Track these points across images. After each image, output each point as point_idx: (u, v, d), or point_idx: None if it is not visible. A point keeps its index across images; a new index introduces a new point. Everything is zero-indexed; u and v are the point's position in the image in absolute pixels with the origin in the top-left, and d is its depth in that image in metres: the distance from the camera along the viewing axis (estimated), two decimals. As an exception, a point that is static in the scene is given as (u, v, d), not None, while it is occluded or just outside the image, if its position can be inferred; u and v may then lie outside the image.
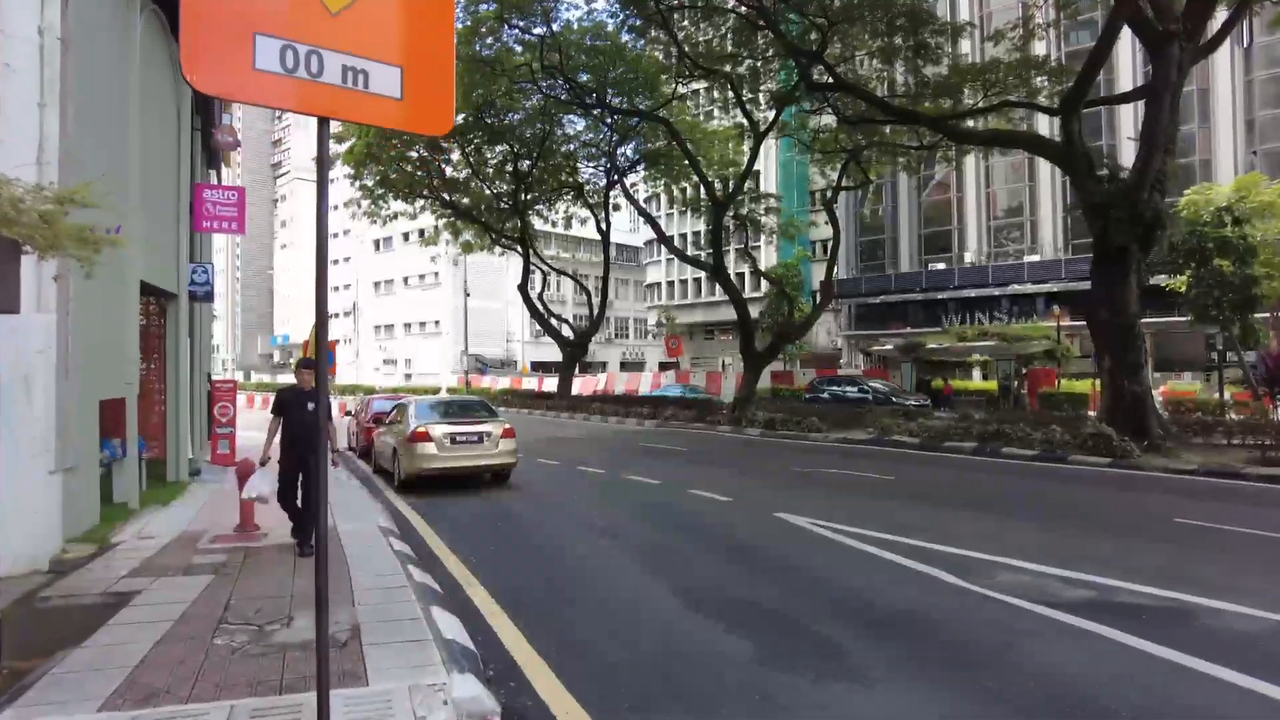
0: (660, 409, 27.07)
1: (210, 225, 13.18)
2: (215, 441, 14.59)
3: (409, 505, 11.13)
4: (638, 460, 16.41)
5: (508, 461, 12.74)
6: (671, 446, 18.99)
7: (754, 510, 10.21)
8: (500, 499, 11.64)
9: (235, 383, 15.21)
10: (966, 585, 6.52)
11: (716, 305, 57.87)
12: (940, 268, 47.16)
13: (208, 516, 9.07)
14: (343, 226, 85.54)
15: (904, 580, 6.75)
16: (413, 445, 12.11)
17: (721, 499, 11.00)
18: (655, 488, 12.41)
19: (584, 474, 14.32)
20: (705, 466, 15.25)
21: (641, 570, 7.21)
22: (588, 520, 9.74)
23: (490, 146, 34.58)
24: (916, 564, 7.22)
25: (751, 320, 26.10)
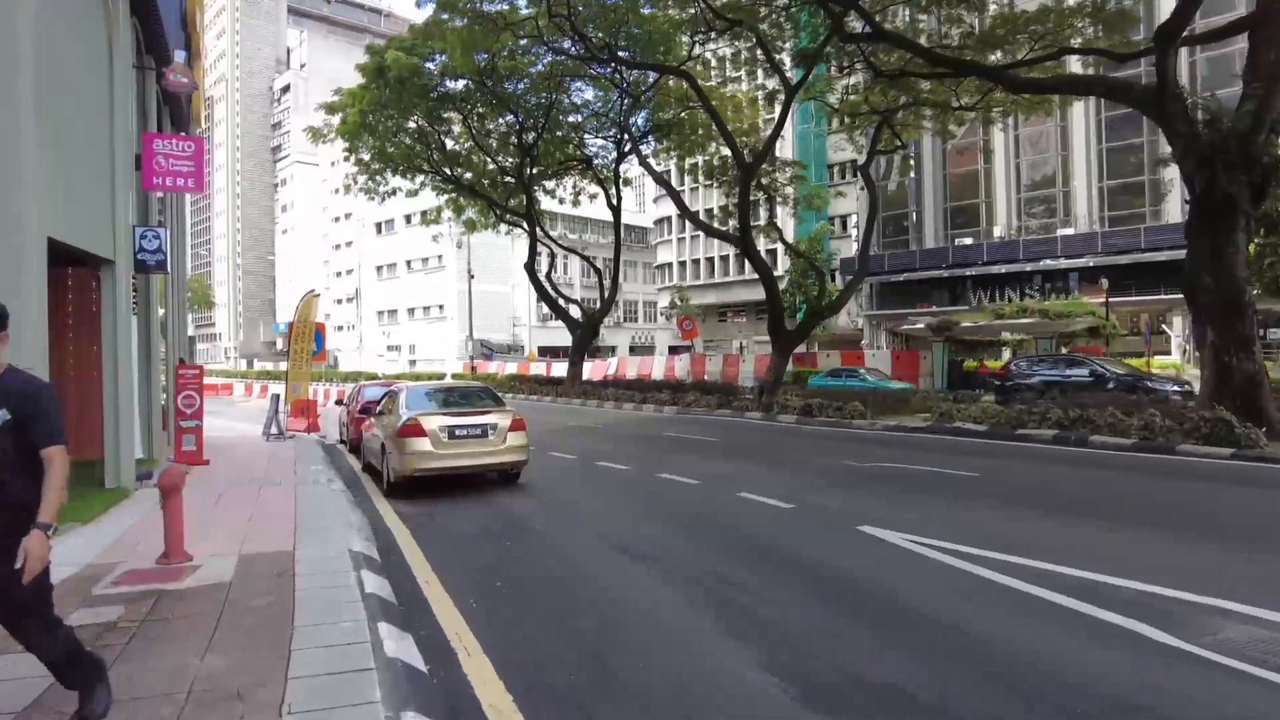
0: (680, 394, 25.02)
1: (162, 181, 11.13)
2: (179, 438, 12.60)
3: (398, 515, 9.10)
4: (666, 454, 14.35)
5: (517, 460, 10.70)
6: (699, 437, 16.93)
7: (827, 522, 8.15)
8: (509, 506, 9.61)
9: (201, 368, 13.22)
10: (1188, 648, 4.45)
11: (730, 286, 55.75)
12: (967, 243, 44.82)
13: (135, 539, 7.05)
14: (344, 210, 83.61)
15: (1087, 637, 4.68)
16: (403, 441, 10.08)
17: (781, 506, 8.93)
18: (694, 490, 10.35)
19: (606, 472, 12.27)
20: (746, 461, 13.18)
21: (710, 624, 5.16)
22: (621, 537, 7.69)
23: (494, 116, 32.41)
24: (1088, 607, 5.14)
25: (781, 298, 23.94)
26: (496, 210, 35.12)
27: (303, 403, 19.32)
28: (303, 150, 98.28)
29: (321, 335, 19.14)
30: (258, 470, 12.11)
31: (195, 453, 12.68)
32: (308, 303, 18.68)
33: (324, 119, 32.31)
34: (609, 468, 12.56)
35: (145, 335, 12.30)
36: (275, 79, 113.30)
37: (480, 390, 11.86)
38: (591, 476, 11.97)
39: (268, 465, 12.76)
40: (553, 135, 33.14)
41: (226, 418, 28.02)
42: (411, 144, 32.51)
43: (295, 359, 18.57)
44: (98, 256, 9.13)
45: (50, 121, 7.58)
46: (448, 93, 29.96)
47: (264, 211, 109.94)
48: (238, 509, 8.55)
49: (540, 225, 34.96)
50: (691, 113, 31.82)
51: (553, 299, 35.20)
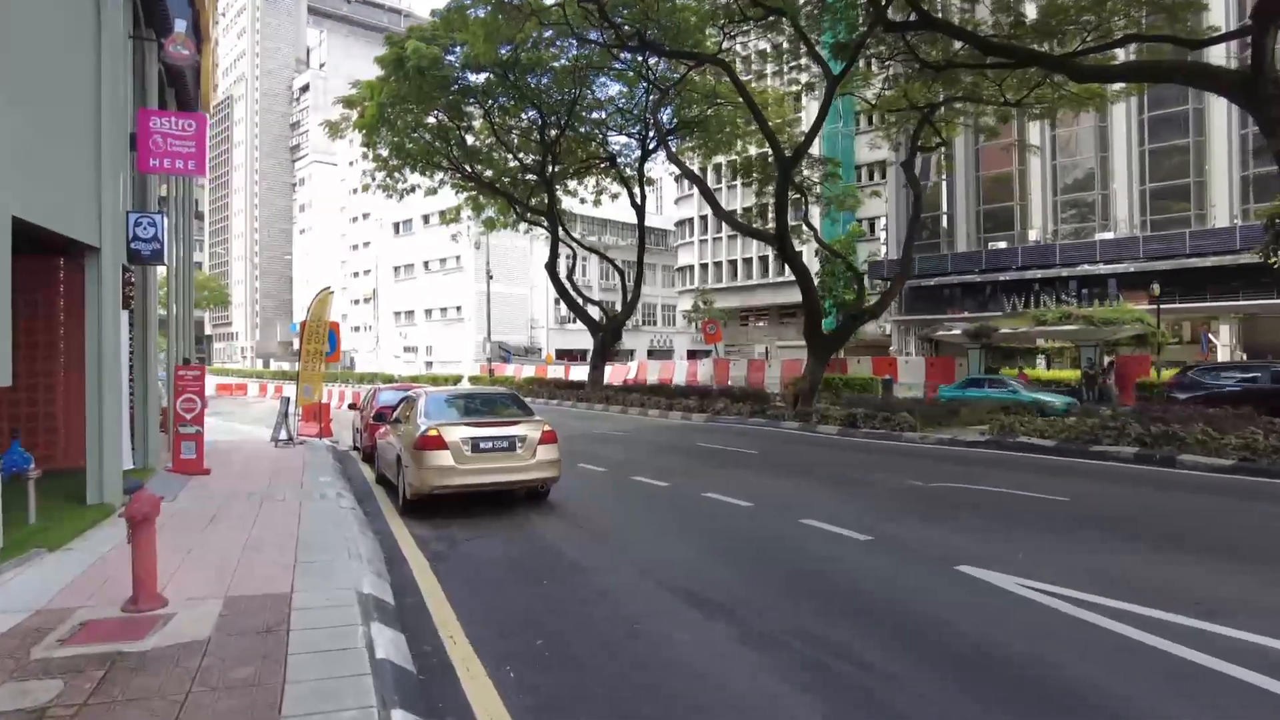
0: (709, 401, 23.81)
1: (159, 163, 10.08)
2: (178, 444, 11.55)
3: (414, 540, 7.98)
4: (704, 467, 13.18)
5: (548, 476, 9.55)
6: (737, 448, 15.73)
7: (917, 559, 6.94)
8: (541, 530, 8.45)
9: (203, 369, 12.17)
10: None
11: (753, 289, 54.49)
12: (1001, 247, 43.35)
13: (106, 572, 5.95)
14: (362, 210, 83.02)
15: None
16: (422, 454, 8.95)
17: (855, 537, 7.73)
18: (748, 514, 9.16)
19: (642, 488, 11.11)
20: (797, 479, 11.97)
21: (809, 707, 3.98)
22: (677, 577, 6.52)
23: (516, 112, 31.36)
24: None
25: (819, 300, 22.70)
26: (517, 209, 34.06)
27: (315, 406, 18.28)
28: (321, 150, 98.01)
29: (335, 335, 18.10)
30: (261, 481, 11.03)
31: (195, 461, 11.62)
32: (322, 300, 17.64)
33: (341, 113, 31.38)
34: (646, 484, 11.39)
35: (142, 333, 11.27)
36: (294, 78, 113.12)
37: (506, 397, 10.73)
38: (628, 494, 10.80)
39: (273, 475, 11.68)
40: (575, 132, 32.09)
41: (237, 419, 27.11)
42: (431, 140, 31.53)
43: (307, 359, 17.52)
44: (80, 243, 8.07)
45: (14, 84, 6.53)
46: (469, 86, 28.95)
47: (282, 211, 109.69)
48: (232, 532, 7.44)
49: (562, 225, 33.87)
50: (718, 110, 30.71)
51: (574, 300, 34.08)
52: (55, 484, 9.13)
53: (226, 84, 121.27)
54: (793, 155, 21.27)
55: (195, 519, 8.07)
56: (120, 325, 8.96)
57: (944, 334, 35.09)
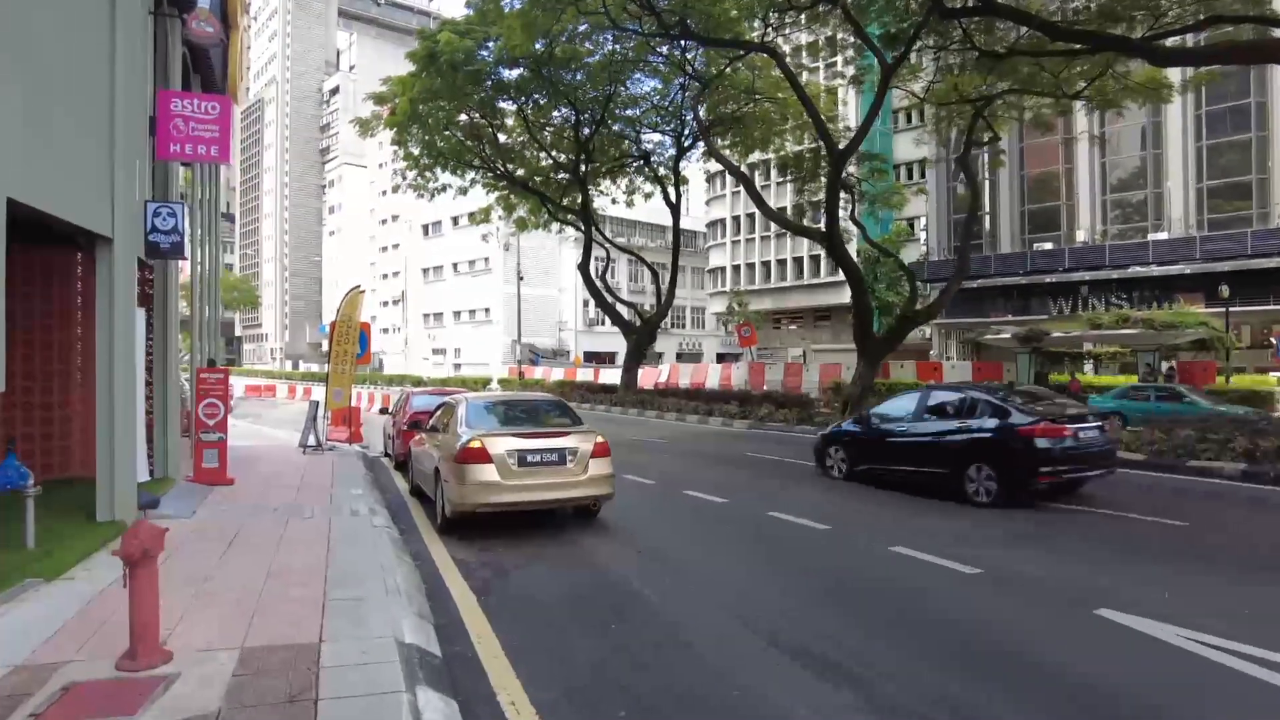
0: (751, 407, 22.79)
1: (180, 149, 9.30)
2: (199, 453, 10.78)
3: (457, 567, 7.08)
4: (760, 481, 12.19)
5: (601, 493, 8.61)
6: (790, 459, 14.70)
7: (1044, 600, 5.91)
8: (597, 555, 7.52)
9: (227, 372, 11.40)
10: None
11: (786, 291, 53.29)
12: (1047, 248, 41.83)
13: (107, 611, 5.09)
14: (391, 212, 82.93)
15: None
16: (463, 468, 8.06)
17: (960, 570, 6.72)
18: (825, 539, 8.17)
19: (701, 506, 10.15)
20: (866, 497, 10.94)
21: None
22: (765, 618, 5.55)
23: (549, 109, 30.56)
24: None
25: (870, 302, 21.59)
26: (549, 208, 33.26)
27: (344, 410, 17.54)
28: (351, 152, 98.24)
29: (366, 336, 17.34)
30: (287, 493, 10.22)
31: (218, 470, 10.85)
32: (352, 299, 16.88)
33: (372, 110, 30.77)
34: (702, 500, 10.43)
35: (162, 332, 10.51)
36: (324, 81, 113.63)
37: (553, 404, 9.80)
38: (684, 512, 9.84)
39: (300, 486, 10.87)
40: (608, 130, 31.27)
41: (265, 422, 26.53)
42: (463, 138, 30.84)
43: (337, 361, 16.77)
44: (90, 233, 7.28)
45: (15, 55, 5.73)
46: (502, 81, 28.20)
47: (311, 213, 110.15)
48: (253, 557, 6.59)
49: (595, 225, 33.02)
50: (755, 106, 29.70)
51: (608, 302, 33.21)
52: (69, 496, 8.40)
53: (257, 87, 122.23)
54: (846, 147, 20.21)
55: (214, 540, 7.24)
56: (136, 324, 8.18)
57: (992, 337, 33.73)
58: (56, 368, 10.69)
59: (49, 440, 10.59)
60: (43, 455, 10.50)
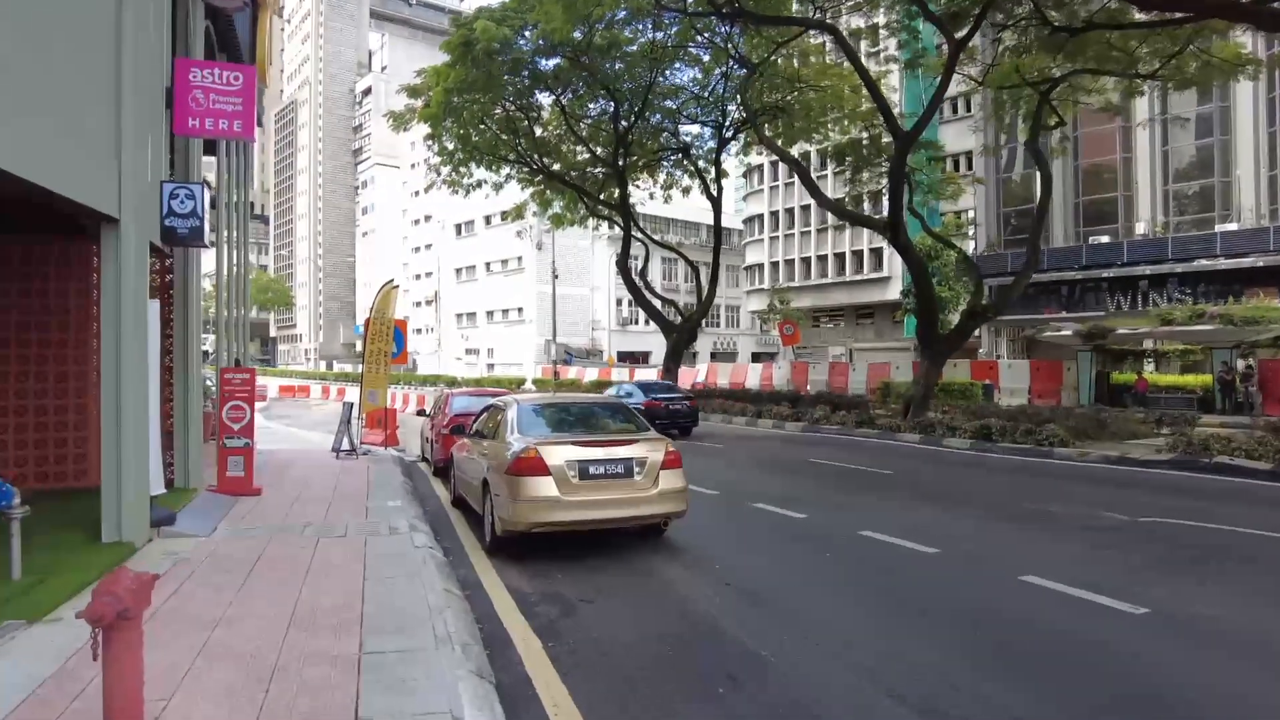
0: (803, 408, 21.56)
1: (199, 123, 8.36)
2: (223, 460, 9.85)
3: (515, 600, 6.01)
4: (835, 493, 11.00)
5: (672, 510, 7.50)
6: (861, 466, 13.50)
7: (1247, 659, 4.71)
8: (675, 586, 6.41)
9: (253, 372, 10.48)
10: None
11: (826, 288, 51.71)
12: (1103, 241, 39.91)
13: (89, 668, 4.07)
14: (424, 212, 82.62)
15: None
16: (517, 481, 6.99)
17: (1119, 608, 5.51)
18: (936, 564, 6.99)
19: (776, 521, 9.00)
20: (961, 510, 9.71)
21: None
22: (898, 672, 4.40)
23: (587, 99, 29.55)
24: None
25: (936, 297, 20.23)
26: (587, 202, 32.24)
27: (379, 412, 16.63)
28: (383, 153, 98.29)
29: (402, 334, 16.41)
30: (319, 506, 9.25)
31: (243, 479, 9.91)
32: (385, 295, 15.94)
33: (406, 103, 29.97)
34: (777, 515, 9.27)
35: (183, 329, 9.60)
36: (357, 81, 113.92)
37: (613, 408, 8.70)
38: (760, 530, 8.70)
39: (333, 497, 9.90)
40: (646, 122, 30.19)
41: (298, 424, 25.80)
42: (498, 131, 29.93)
43: (372, 361, 15.84)
44: (94, 212, 6.33)
45: None
46: (539, 71, 27.24)
47: (345, 214, 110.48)
48: (276, 593, 5.57)
49: (634, 221, 31.91)
50: (799, 94, 28.45)
51: (646, 299, 32.10)
52: (80, 510, 7.47)
53: (291, 89, 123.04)
54: (913, 129, 18.89)
55: (232, 567, 6.25)
56: (149, 318, 7.23)
57: (1051, 335, 32.13)
58: (72, 368, 9.82)
59: (63, 447, 9.72)
60: (56, 463, 9.66)
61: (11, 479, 9.58)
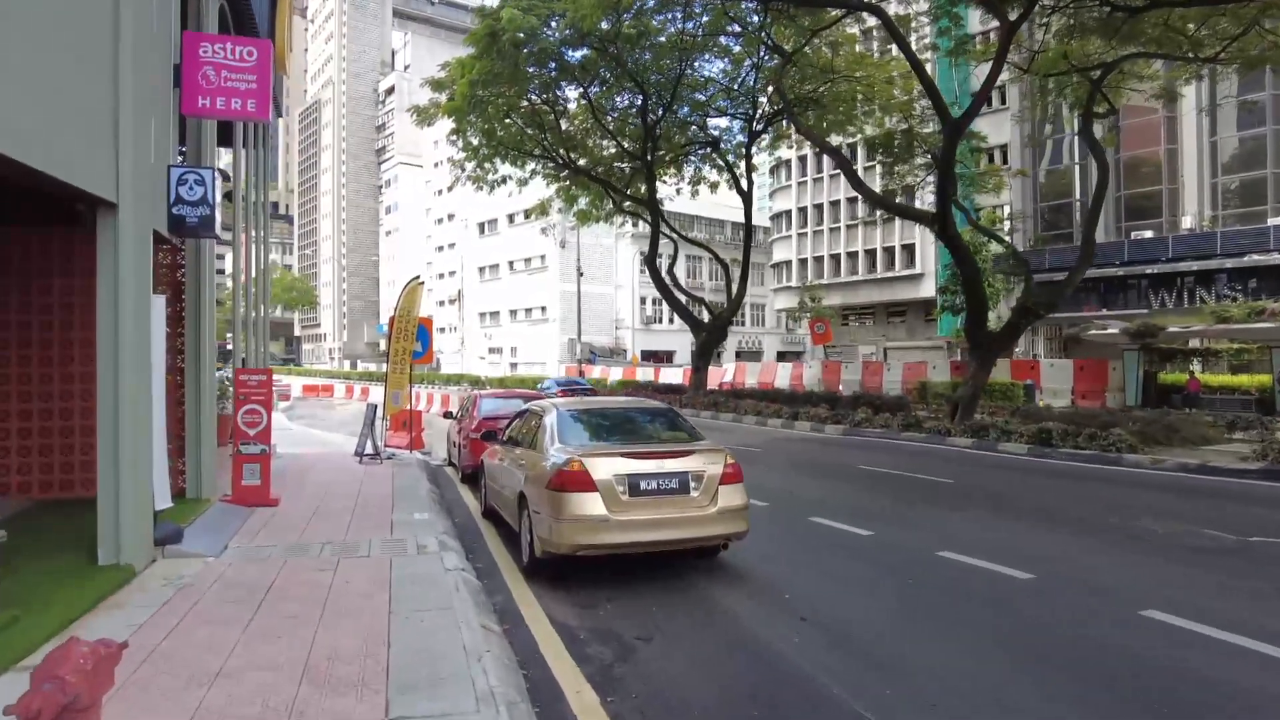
0: (843, 410, 20.64)
1: (208, 103, 7.67)
2: (238, 468, 9.17)
3: (561, 638, 5.23)
4: (896, 504, 10.12)
5: (734, 531, 6.65)
6: (914, 473, 12.61)
7: None
8: (742, 621, 5.60)
9: (270, 372, 9.79)
10: None
11: (856, 286, 50.55)
12: (1146, 236, 38.53)
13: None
14: (447, 211, 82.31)
15: None
16: (560, 497, 6.21)
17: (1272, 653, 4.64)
18: (1036, 593, 6.12)
19: (840, 539, 8.16)
20: (1038, 525, 8.83)
21: None
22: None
23: (615, 92, 28.78)
24: None
25: (986, 294, 19.21)
26: (614, 197, 31.46)
27: (404, 414, 15.94)
28: (407, 152, 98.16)
29: (427, 332, 15.70)
30: (340, 518, 8.54)
31: (259, 488, 9.22)
32: (411, 291, 15.23)
33: (430, 97, 29.38)
34: (839, 531, 8.43)
35: (195, 325, 8.93)
36: (380, 81, 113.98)
37: (661, 413, 7.88)
38: (824, 549, 7.85)
39: (355, 508, 9.19)
40: (674, 115, 29.39)
41: (321, 424, 25.27)
42: (523, 126, 29.25)
43: (396, 360, 15.13)
44: (89, 196, 5.63)
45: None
46: (567, 63, 26.52)
47: (368, 213, 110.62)
48: (287, 634, 4.83)
49: (662, 217, 31.09)
50: (833, 86, 27.49)
51: (675, 297, 31.31)
52: (81, 523, 6.77)
53: (314, 89, 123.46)
54: (963, 116, 17.90)
55: (240, 597, 5.52)
56: (152, 314, 6.53)
57: (1096, 333, 30.89)
58: (78, 368, 9.17)
59: (69, 454, 9.07)
60: (62, 471, 9.02)
61: (15, 488, 9.03)
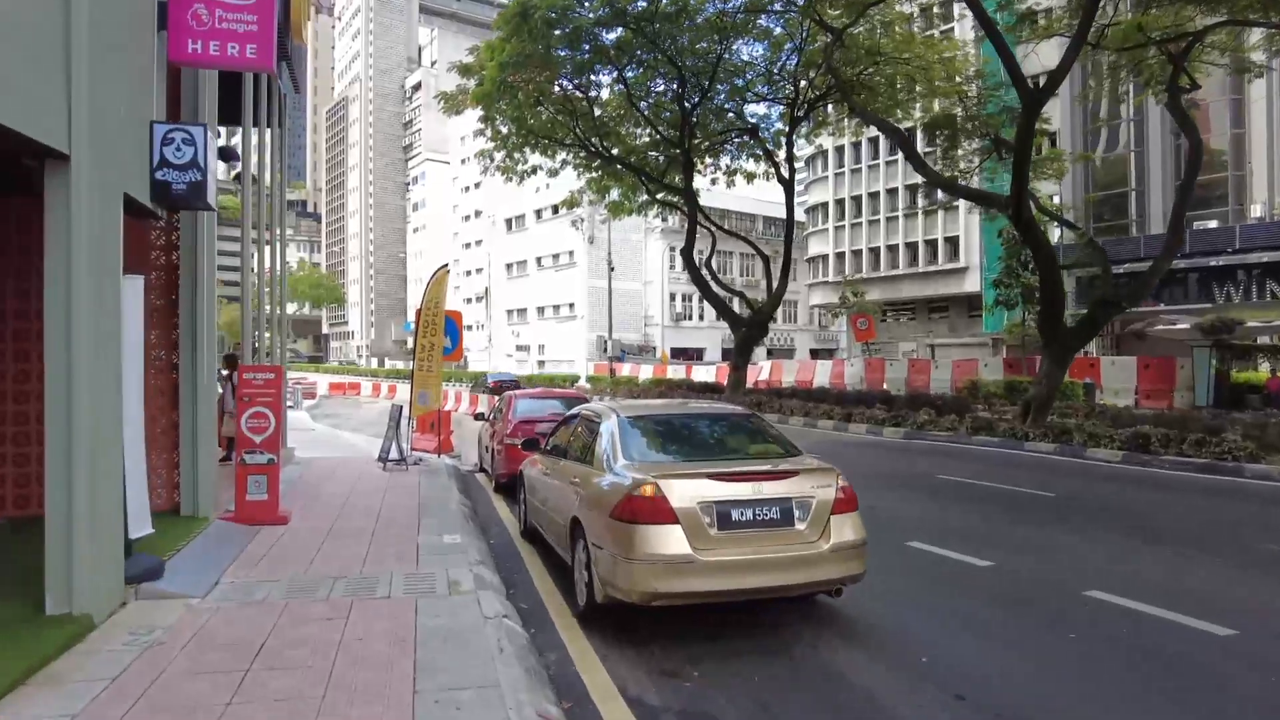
0: (901, 410, 19.10)
1: (199, 48, 6.42)
2: (242, 481, 7.93)
3: (634, 715, 3.91)
4: (1001, 524, 8.68)
5: (849, 574, 5.19)
6: (1002, 484, 11.12)
7: None
8: (877, 696, 4.21)
9: (280, 370, 8.54)
10: None
11: (897, 280, 48.70)
12: (1210, 226, 36.39)
13: None
14: (474, 208, 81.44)
15: None
16: (631, 530, 4.84)
17: None
18: (1241, 656, 4.67)
19: (951, 568, 6.74)
20: (1196, 550, 7.34)
21: None
22: None
23: (649, 76, 27.38)
24: None
25: (1063, 286, 17.57)
26: (649, 186, 30.06)
27: (431, 415, 14.70)
28: (434, 148, 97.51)
29: (457, 326, 14.45)
30: (357, 542, 7.27)
31: (266, 504, 7.98)
32: (438, 280, 13.92)
33: (458, 84, 28.21)
34: (951, 561, 7.01)
35: (191, 316, 7.69)
36: (406, 77, 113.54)
37: (742, 419, 6.48)
38: (943, 586, 6.41)
39: (375, 528, 7.92)
40: (709, 103, 27.99)
41: (346, 424, 24.16)
42: (554, 113, 27.96)
43: (423, 356, 13.87)
44: (32, 143, 4.37)
45: None
46: (601, 45, 25.21)
47: (395, 210, 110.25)
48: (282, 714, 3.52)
49: (700, 210, 29.65)
50: (878, 69, 25.91)
51: (714, 292, 29.89)
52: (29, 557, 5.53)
53: (341, 86, 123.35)
54: (1045, 86, 16.26)
55: (220, 663, 4.23)
56: (124, 297, 5.28)
57: (1164, 329, 28.98)
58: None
59: (50, 462, 7.89)
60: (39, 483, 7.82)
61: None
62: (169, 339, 7.95)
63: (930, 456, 14.48)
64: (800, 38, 26.26)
